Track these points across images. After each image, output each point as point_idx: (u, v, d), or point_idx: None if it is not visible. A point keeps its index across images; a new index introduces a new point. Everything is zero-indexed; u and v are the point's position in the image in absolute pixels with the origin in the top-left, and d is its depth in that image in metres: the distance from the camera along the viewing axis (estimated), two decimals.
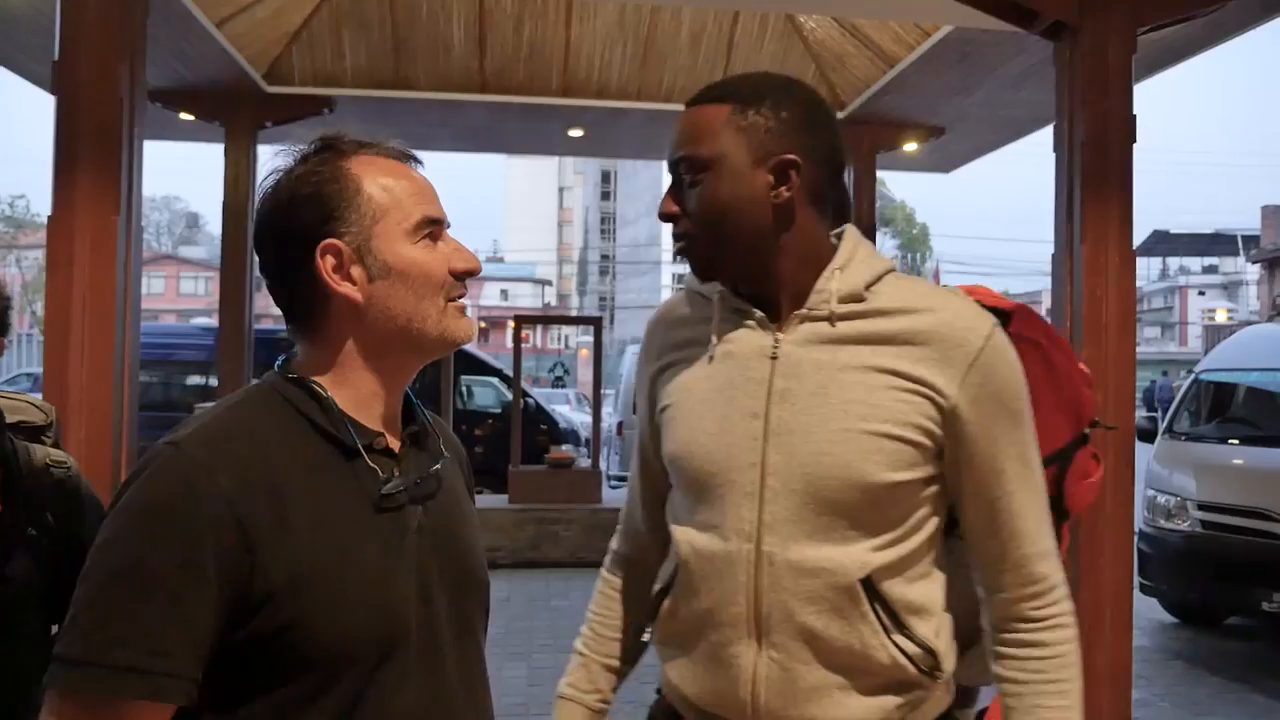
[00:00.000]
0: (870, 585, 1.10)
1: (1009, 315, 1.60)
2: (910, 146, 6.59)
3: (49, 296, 2.79)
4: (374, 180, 1.01)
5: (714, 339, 1.20)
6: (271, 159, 1.03)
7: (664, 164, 1.29)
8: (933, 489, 1.14)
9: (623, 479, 10.88)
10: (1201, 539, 5.39)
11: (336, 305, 0.99)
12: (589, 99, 6.21)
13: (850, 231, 1.22)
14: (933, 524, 1.15)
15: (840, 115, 6.09)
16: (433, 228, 1.02)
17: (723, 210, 1.14)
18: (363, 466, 0.98)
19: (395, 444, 1.04)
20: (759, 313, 1.17)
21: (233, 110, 6.03)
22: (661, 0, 5.14)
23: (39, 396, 1.89)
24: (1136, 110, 3.30)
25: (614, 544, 1.44)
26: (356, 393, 1.02)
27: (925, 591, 1.14)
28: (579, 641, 1.39)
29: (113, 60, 2.84)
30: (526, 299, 49.79)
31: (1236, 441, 5.86)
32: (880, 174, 6.93)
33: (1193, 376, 6.55)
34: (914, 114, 6.19)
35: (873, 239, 5.28)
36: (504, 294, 49.90)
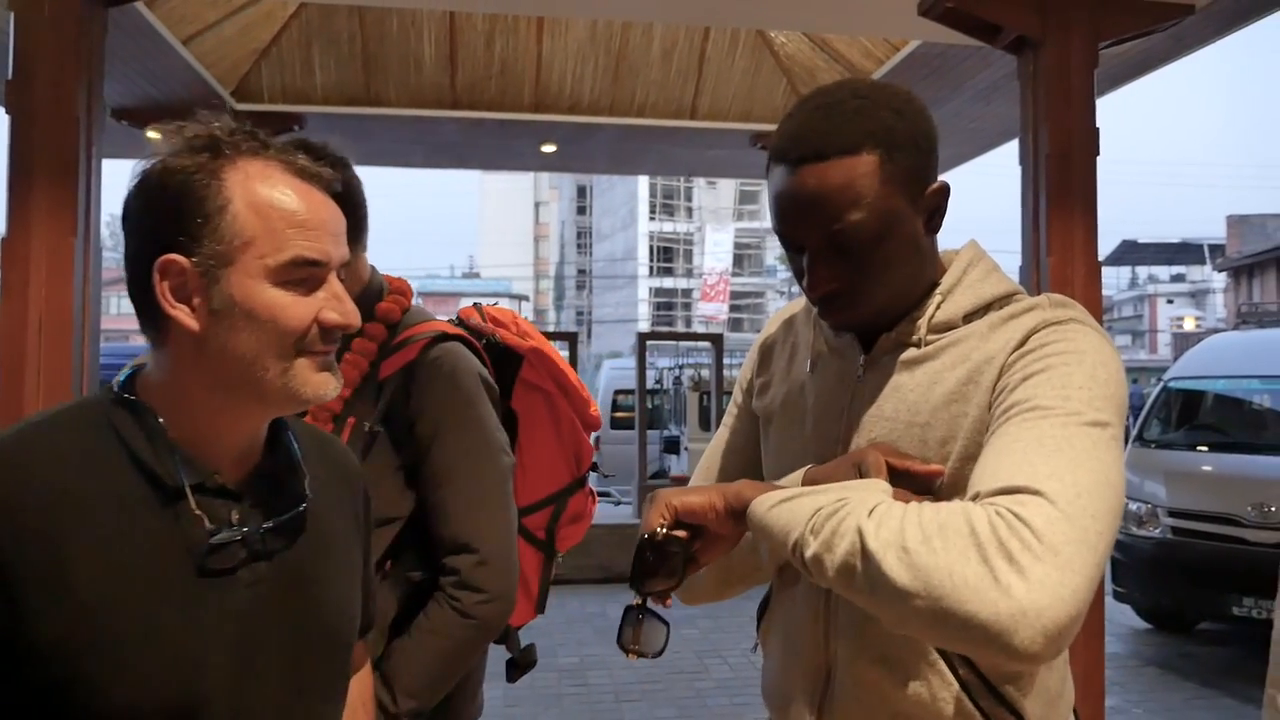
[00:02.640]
0: None
1: (521, 359, 1.63)
2: None
3: (3, 321, 2.73)
4: (251, 197, 0.85)
5: (810, 357, 1.16)
6: (159, 137, 0.88)
7: (642, 180, 1.16)
8: None
9: (604, 493, 10.85)
10: (1172, 545, 5.44)
11: (175, 326, 0.86)
12: (561, 114, 6.20)
13: (966, 249, 1.11)
14: None
15: None
16: (308, 270, 0.87)
17: (894, 266, 1.03)
18: (185, 511, 0.84)
19: (238, 481, 0.90)
20: (850, 334, 1.11)
21: None
22: (632, 16, 5.15)
23: None
24: (1105, 123, 3.33)
25: None
26: (196, 420, 0.88)
27: None
28: None
29: (69, 79, 2.80)
30: None
31: (1206, 448, 5.93)
32: None
33: (1161, 384, 6.63)
34: None
35: None
36: None
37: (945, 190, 1.04)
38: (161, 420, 0.87)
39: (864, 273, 1.01)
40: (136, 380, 0.90)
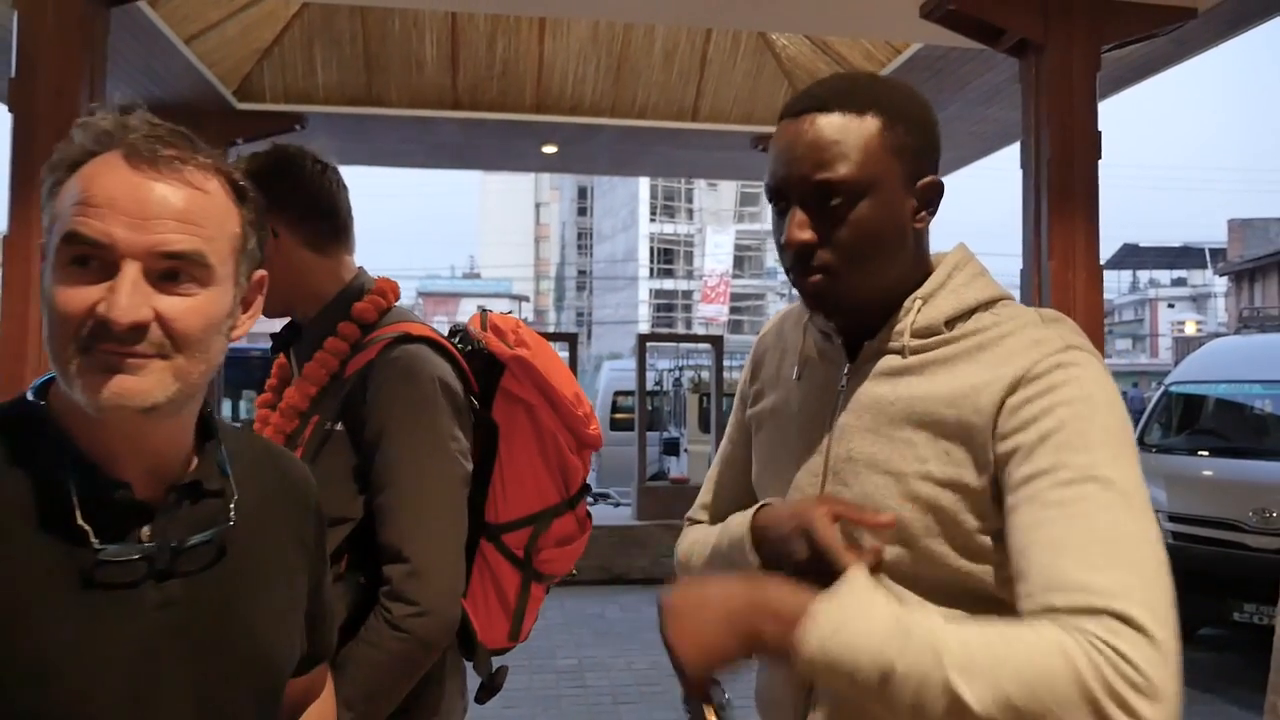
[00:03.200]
0: None
1: (503, 368, 1.52)
2: None
3: (5, 320, 2.73)
4: (76, 179, 0.78)
5: (797, 364, 1.15)
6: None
7: (643, 181, 1.15)
8: None
9: (604, 495, 10.83)
10: (1173, 551, 5.35)
11: None
12: (562, 115, 6.20)
13: (953, 253, 1.09)
14: None
15: None
16: (86, 250, 0.76)
17: (876, 242, 1.00)
18: (75, 525, 0.77)
19: (155, 497, 0.83)
20: (838, 340, 1.09)
21: (202, 127, 5.67)
22: (634, 17, 5.15)
23: None
24: (1107, 127, 3.34)
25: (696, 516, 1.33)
26: (98, 428, 0.80)
27: None
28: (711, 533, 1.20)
29: (71, 78, 2.81)
30: None
31: (1206, 453, 5.92)
32: None
33: (1162, 389, 6.63)
34: None
35: None
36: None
37: (939, 187, 1.04)
38: (67, 428, 0.81)
39: (842, 234, 0.99)
40: (52, 384, 0.84)
